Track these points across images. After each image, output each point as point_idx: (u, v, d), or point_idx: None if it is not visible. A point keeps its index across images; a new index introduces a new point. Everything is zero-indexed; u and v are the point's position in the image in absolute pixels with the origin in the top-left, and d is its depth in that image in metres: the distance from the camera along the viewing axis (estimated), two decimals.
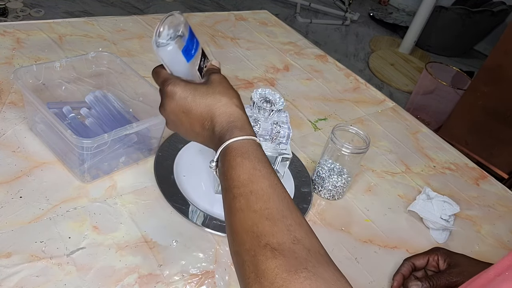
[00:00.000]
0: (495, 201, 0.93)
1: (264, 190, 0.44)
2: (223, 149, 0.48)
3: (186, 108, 0.52)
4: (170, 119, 0.55)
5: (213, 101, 0.51)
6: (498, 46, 1.82)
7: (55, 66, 0.76)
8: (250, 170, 0.45)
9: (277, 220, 0.41)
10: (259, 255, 0.39)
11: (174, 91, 0.52)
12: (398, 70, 3.01)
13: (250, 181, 0.45)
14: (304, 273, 0.36)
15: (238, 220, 0.43)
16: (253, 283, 0.38)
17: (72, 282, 0.57)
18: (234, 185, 0.45)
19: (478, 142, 1.94)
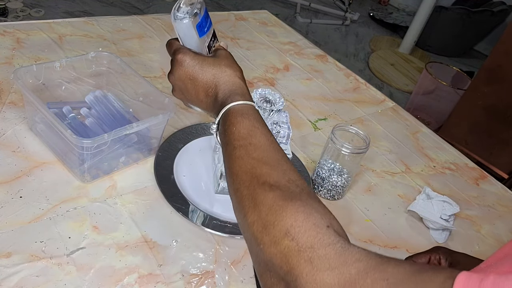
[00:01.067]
0: (495, 201, 0.93)
1: (262, 143, 0.48)
2: (224, 111, 0.52)
3: (193, 76, 0.56)
4: (177, 86, 0.59)
5: (218, 71, 0.56)
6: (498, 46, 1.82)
7: (55, 66, 0.76)
8: (250, 127, 0.50)
9: (273, 165, 0.46)
10: (257, 189, 0.43)
11: (184, 59, 0.56)
12: (398, 70, 3.01)
13: (249, 135, 0.49)
14: (298, 202, 0.41)
15: (238, 166, 0.47)
16: (251, 212, 0.42)
17: (72, 282, 0.57)
18: (235, 138, 0.49)
19: (478, 142, 1.94)
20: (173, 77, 0.58)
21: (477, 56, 3.49)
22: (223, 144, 0.51)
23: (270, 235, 0.40)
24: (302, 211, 0.40)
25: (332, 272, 0.35)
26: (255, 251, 0.42)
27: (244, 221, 0.44)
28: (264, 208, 0.41)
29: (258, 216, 0.42)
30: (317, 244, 0.37)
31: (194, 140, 0.84)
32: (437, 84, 2.33)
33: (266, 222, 0.41)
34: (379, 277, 0.34)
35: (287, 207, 0.40)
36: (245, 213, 0.44)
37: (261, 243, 0.40)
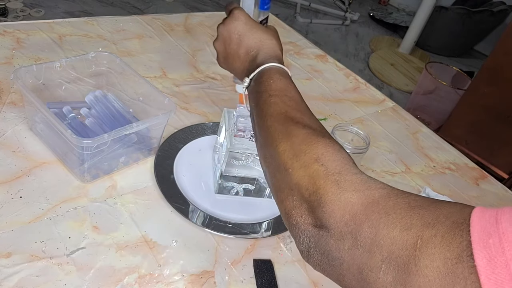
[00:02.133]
0: (495, 201, 0.93)
1: (296, 97, 0.52)
2: (262, 68, 0.55)
3: (242, 32, 0.60)
4: (222, 36, 0.62)
5: (265, 38, 0.60)
6: (498, 46, 1.82)
7: (55, 66, 0.76)
8: (286, 83, 0.53)
9: (305, 114, 0.50)
10: (291, 126, 0.47)
11: (240, 15, 0.61)
12: (398, 70, 3.01)
13: (285, 90, 0.52)
14: (329, 140, 0.45)
15: (273, 108, 0.50)
16: (284, 142, 0.45)
17: (72, 282, 0.57)
18: (271, 89, 0.52)
19: (478, 142, 1.94)
20: (223, 27, 0.61)
21: (477, 56, 3.49)
22: (256, 94, 0.54)
23: (300, 161, 0.43)
24: (332, 146, 0.44)
25: (356, 193, 0.38)
26: (281, 177, 0.44)
27: (274, 150, 0.46)
28: (297, 139, 0.45)
29: (290, 146, 0.44)
30: (345, 171, 0.40)
31: (194, 140, 0.84)
32: (437, 84, 2.33)
33: (298, 150, 0.43)
34: (401, 201, 0.36)
35: (319, 140, 0.44)
36: (276, 144, 0.46)
37: (290, 167, 0.43)
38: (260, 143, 0.50)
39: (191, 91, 0.98)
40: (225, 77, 1.07)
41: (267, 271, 0.65)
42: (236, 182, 0.74)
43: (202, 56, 1.12)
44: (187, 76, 1.03)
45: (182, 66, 1.06)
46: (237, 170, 0.72)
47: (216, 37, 0.63)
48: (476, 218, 0.30)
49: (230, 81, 1.06)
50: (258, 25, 0.61)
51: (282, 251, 0.69)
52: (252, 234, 0.69)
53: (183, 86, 0.99)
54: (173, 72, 1.03)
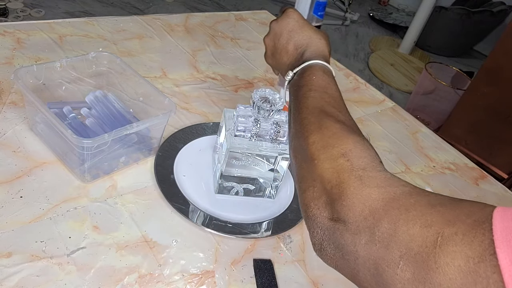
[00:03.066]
0: (495, 201, 0.93)
1: (336, 95, 0.53)
2: (308, 64, 0.57)
3: (293, 29, 0.63)
4: (274, 31, 0.65)
5: (314, 37, 0.62)
6: (498, 46, 1.82)
7: (55, 66, 0.76)
8: (328, 81, 0.54)
9: (342, 111, 0.50)
10: (325, 119, 0.47)
11: (293, 13, 0.64)
12: (398, 70, 3.01)
13: (326, 87, 0.53)
14: (360, 138, 0.45)
15: (310, 101, 0.51)
16: (315, 134, 0.46)
17: (72, 282, 0.57)
18: (312, 84, 0.53)
19: (478, 142, 1.94)
20: (276, 23, 0.64)
21: (477, 56, 3.49)
22: (296, 87, 0.55)
23: (327, 153, 0.43)
24: (361, 143, 0.44)
25: (379, 189, 0.38)
26: (306, 166, 0.45)
27: (304, 141, 0.47)
28: (328, 132, 0.45)
29: (320, 138, 0.45)
30: (369, 168, 0.41)
31: (194, 140, 0.84)
32: (437, 84, 2.33)
33: (327, 143, 0.44)
34: (421, 199, 0.36)
35: (349, 137, 0.44)
36: (307, 135, 0.47)
37: (317, 158, 0.44)
38: (292, 134, 0.51)
39: (191, 91, 0.98)
40: (225, 77, 1.07)
41: (267, 271, 0.65)
42: (236, 182, 0.74)
43: (202, 56, 1.12)
44: (187, 76, 1.03)
45: (182, 66, 1.06)
46: (237, 170, 0.72)
47: (267, 32, 0.66)
48: (498, 216, 0.30)
49: (230, 81, 1.06)
50: (309, 24, 0.63)
51: (282, 251, 0.69)
52: (252, 234, 0.69)
53: (183, 86, 0.99)
54: (173, 72, 1.03)
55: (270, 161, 0.71)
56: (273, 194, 0.77)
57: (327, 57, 0.60)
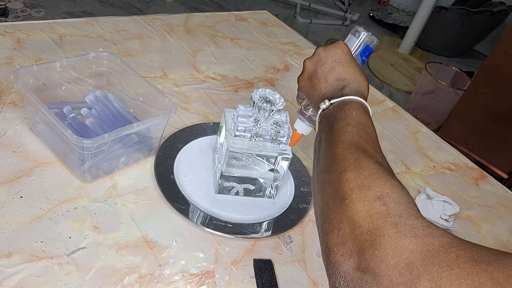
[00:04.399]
0: (495, 201, 0.94)
1: (373, 135, 0.51)
2: (348, 99, 0.55)
3: (340, 60, 0.61)
4: (319, 56, 0.62)
5: (358, 74, 0.60)
6: (498, 46, 1.82)
7: (55, 66, 0.76)
8: (366, 120, 0.53)
9: (378, 151, 0.48)
10: (363, 157, 0.45)
11: (344, 47, 0.62)
12: (398, 70, 3.01)
13: (365, 125, 0.51)
14: (397, 182, 0.43)
15: (347, 137, 0.49)
16: (350, 171, 0.43)
17: (72, 282, 0.57)
18: (351, 119, 0.51)
19: (478, 142, 1.94)
20: (323, 50, 0.62)
21: (477, 56, 3.49)
22: (332, 119, 0.53)
23: (362, 194, 0.40)
24: (400, 188, 0.42)
25: (416, 240, 0.35)
26: (334, 206, 0.42)
27: (336, 177, 0.44)
28: (365, 172, 0.43)
29: (356, 176, 0.42)
30: (406, 215, 0.38)
31: (194, 140, 0.84)
32: (437, 84, 2.33)
33: (363, 183, 0.41)
34: (463, 254, 0.33)
35: (387, 180, 0.42)
36: (341, 171, 0.44)
37: (348, 198, 0.41)
38: (321, 167, 0.48)
39: (191, 91, 0.98)
40: (225, 77, 1.07)
41: (267, 271, 0.65)
42: (236, 182, 0.74)
43: (202, 56, 1.12)
44: (187, 76, 1.03)
45: (182, 66, 1.06)
46: (237, 170, 0.72)
47: (311, 56, 0.63)
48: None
49: (230, 81, 1.06)
50: (356, 62, 0.62)
51: (282, 251, 0.69)
52: (252, 234, 0.69)
53: (183, 86, 0.99)
54: (174, 72, 1.03)
55: (270, 161, 0.71)
56: (273, 194, 0.77)
57: (365, 97, 0.58)
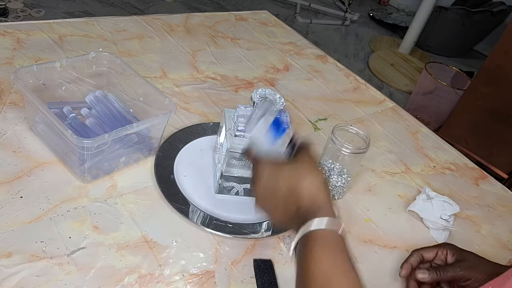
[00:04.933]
0: (495, 201, 0.93)
1: (350, 276, 0.47)
2: (306, 233, 0.51)
3: (272, 187, 0.56)
4: (260, 195, 0.58)
5: (297, 181, 0.54)
6: (498, 46, 1.82)
7: (55, 66, 0.76)
8: (332, 263, 0.48)
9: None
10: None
11: (263, 171, 0.57)
12: (398, 70, 3.01)
13: (333, 274, 0.47)
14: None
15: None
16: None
17: (72, 282, 0.57)
18: (315, 276, 0.48)
19: (478, 142, 1.94)
20: (257, 187, 0.57)
21: (477, 56, 3.49)
22: (298, 264, 0.50)
23: None
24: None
25: None
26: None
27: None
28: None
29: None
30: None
31: (194, 140, 0.84)
32: (437, 84, 2.33)
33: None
34: None
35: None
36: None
37: None
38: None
39: (191, 91, 0.98)
40: (225, 77, 1.07)
41: (267, 271, 0.65)
42: (236, 182, 0.74)
43: (202, 56, 1.12)
44: (187, 76, 1.03)
45: (182, 66, 1.06)
46: (237, 170, 0.72)
47: (256, 177, 0.58)
48: None
49: (230, 81, 1.06)
50: (282, 170, 0.56)
51: (282, 251, 0.69)
52: (252, 234, 0.69)
53: (183, 86, 0.99)
54: (173, 72, 1.03)
55: None
56: None
57: (321, 199, 0.54)
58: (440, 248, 0.71)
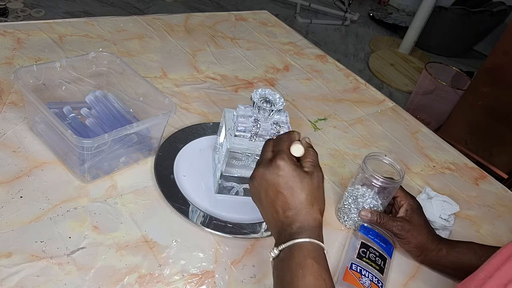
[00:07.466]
0: (495, 201, 0.94)
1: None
2: (293, 243, 0.51)
3: (281, 187, 0.54)
4: (259, 184, 0.56)
5: (305, 200, 0.54)
6: (498, 46, 1.82)
7: (55, 66, 0.76)
8: (317, 276, 0.49)
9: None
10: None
11: (284, 167, 0.54)
12: (398, 70, 3.01)
13: (314, 286, 0.48)
14: None
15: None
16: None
17: (72, 282, 0.57)
18: (297, 285, 0.48)
19: (478, 142, 1.94)
20: (262, 176, 0.55)
21: (477, 56, 3.49)
22: (279, 275, 0.51)
23: None
24: None
25: None
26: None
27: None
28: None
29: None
30: None
31: (194, 140, 0.84)
32: (437, 84, 2.33)
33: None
34: None
35: None
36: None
37: None
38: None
39: (191, 91, 0.98)
40: (225, 77, 1.07)
41: None
42: (236, 182, 0.74)
43: (202, 56, 1.12)
44: (187, 76, 1.03)
45: (182, 66, 1.06)
46: (237, 170, 0.72)
47: (252, 176, 0.57)
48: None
49: (230, 81, 1.06)
50: (303, 180, 0.54)
51: None
52: (252, 234, 0.69)
53: (183, 86, 0.99)
54: (173, 72, 1.03)
55: None
56: None
57: (317, 226, 0.53)
58: (404, 197, 0.73)
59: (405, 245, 0.71)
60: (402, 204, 0.73)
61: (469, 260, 0.68)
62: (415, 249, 0.70)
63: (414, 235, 0.69)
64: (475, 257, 0.68)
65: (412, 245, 0.70)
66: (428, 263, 0.72)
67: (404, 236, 0.69)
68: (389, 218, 0.70)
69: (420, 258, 0.71)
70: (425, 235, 0.70)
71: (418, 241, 0.69)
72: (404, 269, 0.73)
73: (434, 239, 0.71)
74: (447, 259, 0.69)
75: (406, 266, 0.73)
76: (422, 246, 0.70)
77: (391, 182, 0.71)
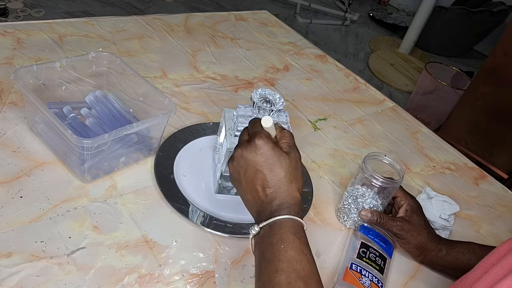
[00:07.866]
0: (495, 201, 0.94)
1: (306, 271, 0.48)
2: (274, 221, 0.52)
3: (260, 166, 0.55)
4: (238, 164, 0.57)
5: (284, 179, 0.55)
6: (498, 46, 1.82)
7: (55, 66, 0.76)
8: (299, 251, 0.49)
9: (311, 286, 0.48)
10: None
11: (261, 146, 0.55)
12: (398, 70, 3.01)
13: (296, 261, 0.49)
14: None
15: (276, 278, 0.48)
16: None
17: (72, 282, 0.57)
18: (280, 259, 0.49)
19: (478, 142, 1.94)
20: (241, 155, 0.56)
21: (477, 56, 3.49)
22: (261, 257, 0.51)
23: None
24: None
25: None
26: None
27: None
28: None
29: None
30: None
31: (194, 140, 0.84)
32: (437, 84, 2.33)
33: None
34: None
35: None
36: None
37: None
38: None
39: (191, 91, 0.98)
40: (225, 77, 1.07)
41: None
42: None
43: (202, 56, 1.12)
44: (187, 76, 1.03)
45: (182, 66, 1.06)
46: None
47: (232, 158, 0.58)
48: None
49: (230, 81, 1.06)
50: (280, 158, 0.55)
51: None
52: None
53: (183, 86, 0.99)
54: (173, 72, 1.03)
55: None
56: None
57: (297, 203, 0.54)
58: (403, 197, 0.73)
59: (405, 245, 0.71)
60: (402, 204, 0.73)
61: (468, 260, 0.68)
62: (415, 249, 0.70)
63: (414, 235, 0.69)
64: (474, 257, 0.68)
65: (412, 245, 0.70)
66: (428, 263, 0.72)
67: (404, 236, 0.69)
68: (389, 218, 0.71)
69: (420, 258, 0.71)
70: (425, 235, 0.70)
71: (418, 241, 0.69)
72: (404, 269, 0.73)
73: (434, 239, 0.71)
74: (447, 259, 0.69)
75: (406, 266, 0.73)
76: (422, 246, 0.70)
77: (391, 182, 0.71)
